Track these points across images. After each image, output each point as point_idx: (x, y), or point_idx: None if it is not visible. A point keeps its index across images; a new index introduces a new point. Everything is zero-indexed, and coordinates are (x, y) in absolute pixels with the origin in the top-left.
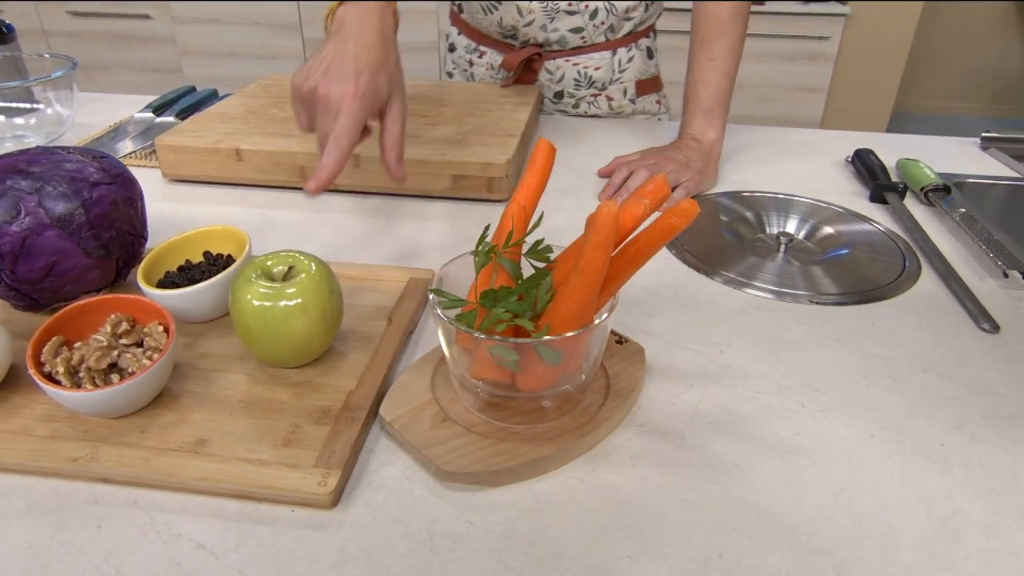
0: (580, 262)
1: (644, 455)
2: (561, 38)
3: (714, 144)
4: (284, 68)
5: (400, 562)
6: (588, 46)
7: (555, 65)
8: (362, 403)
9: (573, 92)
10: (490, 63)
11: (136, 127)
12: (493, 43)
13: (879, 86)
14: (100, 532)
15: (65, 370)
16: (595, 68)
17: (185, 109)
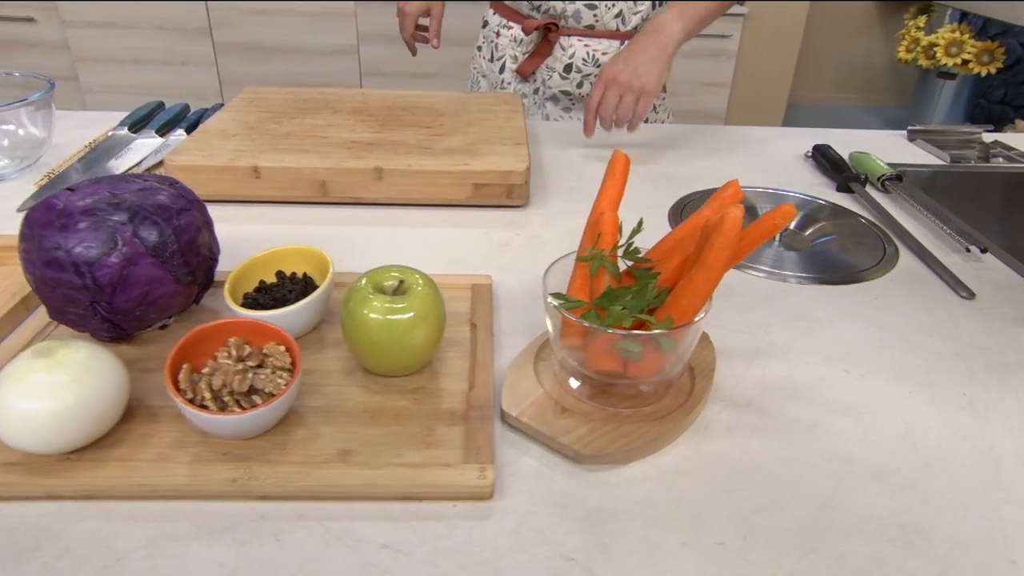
0: (707, 260)
1: (736, 425)
2: (576, 11)
3: (675, 40)
4: (194, 76)
5: (571, 537)
6: (599, 31)
7: (568, 42)
8: (484, 402)
9: (581, 68)
10: (514, 36)
11: (118, 146)
12: (519, 18)
13: (775, 80)
14: (281, 545)
15: (211, 396)
16: (603, 53)
17: (163, 126)
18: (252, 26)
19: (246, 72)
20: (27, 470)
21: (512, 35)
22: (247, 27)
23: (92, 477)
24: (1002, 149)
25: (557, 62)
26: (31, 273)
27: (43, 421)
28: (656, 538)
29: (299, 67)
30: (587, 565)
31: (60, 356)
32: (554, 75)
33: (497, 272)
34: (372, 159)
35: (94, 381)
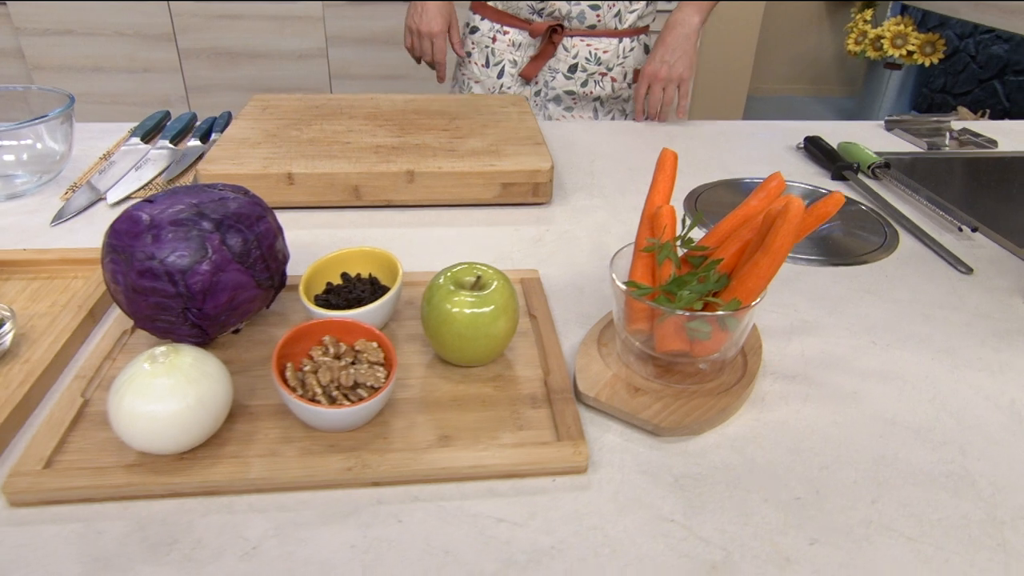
0: (771, 245)
1: (788, 396)
2: (580, 12)
3: (695, 29)
4: (159, 83)
5: (666, 501)
6: (600, 31)
7: (571, 43)
8: (562, 385)
9: (585, 67)
10: (512, 40)
11: (134, 157)
12: (517, 23)
13: (736, 74)
14: (404, 525)
15: (323, 392)
16: (603, 51)
17: (176, 136)
18: (217, 31)
19: (213, 78)
20: (148, 470)
21: (510, 40)
22: (212, 32)
23: (212, 473)
24: (970, 135)
25: (561, 63)
26: (121, 284)
27: (168, 422)
28: (740, 497)
29: (267, 72)
30: (685, 524)
31: (174, 361)
32: (558, 76)
33: (537, 266)
34: (402, 162)
35: (208, 383)
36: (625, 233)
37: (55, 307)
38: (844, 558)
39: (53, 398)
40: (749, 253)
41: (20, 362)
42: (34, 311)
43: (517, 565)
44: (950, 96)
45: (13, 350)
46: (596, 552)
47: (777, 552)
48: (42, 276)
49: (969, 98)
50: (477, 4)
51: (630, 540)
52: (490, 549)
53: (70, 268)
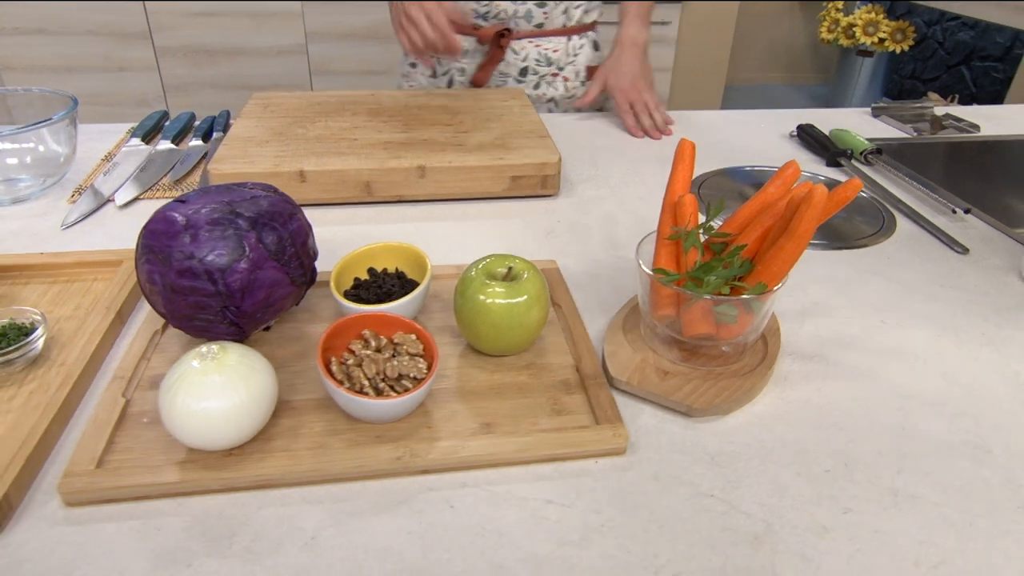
0: (796, 230)
1: (808, 375)
2: (527, 11)
3: (646, 44)
4: (135, 82)
5: (704, 478)
6: (548, 30)
7: (520, 46)
8: (594, 371)
9: (536, 69)
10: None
11: (136, 158)
12: (462, 29)
13: (713, 63)
14: (456, 511)
15: (369, 384)
16: (553, 50)
17: (178, 135)
18: (194, 28)
19: (191, 76)
20: (200, 466)
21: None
22: (189, 30)
23: (264, 467)
24: (953, 120)
25: (511, 67)
26: (159, 284)
27: (222, 418)
28: (774, 471)
29: (247, 69)
30: (725, 499)
31: (223, 358)
32: (509, 80)
33: (552, 257)
34: (412, 158)
35: (257, 378)
36: (633, 223)
37: (80, 310)
38: (876, 524)
39: (91, 399)
40: (772, 238)
41: (56, 365)
42: (59, 314)
43: (570, 544)
44: (919, 82)
45: (45, 353)
46: (644, 528)
47: (814, 521)
48: (61, 279)
49: (938, 83)
50: None
51: (675, 516)
52: (542, 529)
53: (89, 271)
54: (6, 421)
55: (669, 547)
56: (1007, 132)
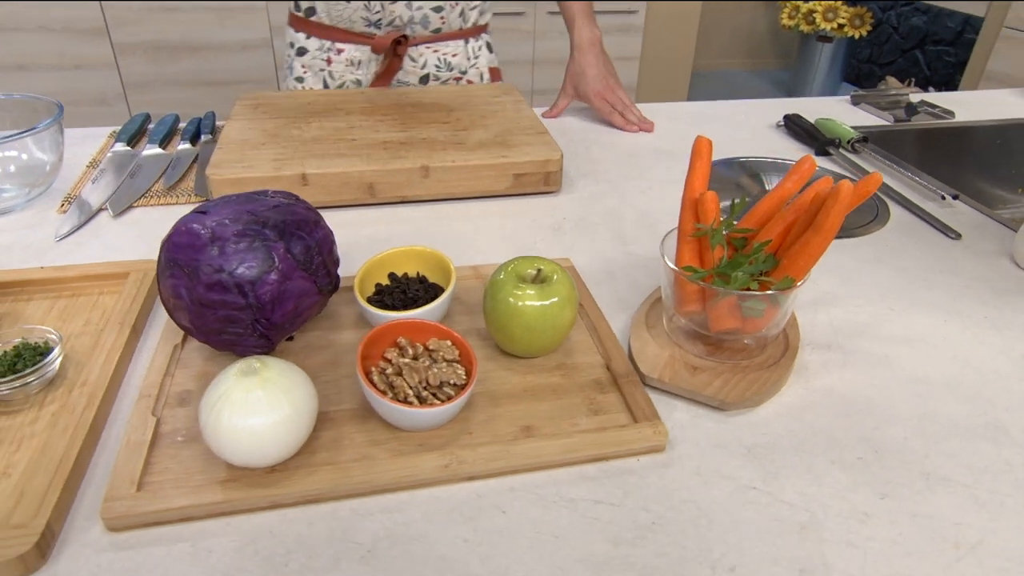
0: (823, 225)
1: (827, 364)
2: (424, 16)
3: (601, 40)
4: (93, 80)
5: (744, 471)
6: (445, 33)
7: (417, 52)
8: (625, 369)
9: (437, 75)
10: (350, 59)
11: (124, 164)
12: (353, 37)
13: (680, 51)
14: (508, 516)
15: (415, 394)
16: (452, 55)
17: (164, 138)
18: (154, 24)
19: (152, 73)
20: (245, 484)
21: (347, 58)
22: (149, 25)
23: (312, 482)
24: (927, 106)
25: (409, 75)
26: (186, 298)
27: (268, 434)
28: (809, 461)
29: (210, 64)
30: (767, 490)
31: (265, 374)
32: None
33: (564, 254)
34: (415, 158)
35: (299, 392)
36: (638, 217)
37: (90, 325)
38: (913, 508)
39: (117, 419)
40: (795, 233)
41: (77, 385)
42: (69, 331)
43: (625, 542)
44: (876, 66)
45: (61, 372)
46: (694, 523)
47: (854, 508)
48: (65, 294)
49: (893, 67)
50: (297, 20)
51: (722, 510)
52: (595, 530)
53: (94, 284)
54: (32, 445)
55: (721, 541)
56: (980, 117)
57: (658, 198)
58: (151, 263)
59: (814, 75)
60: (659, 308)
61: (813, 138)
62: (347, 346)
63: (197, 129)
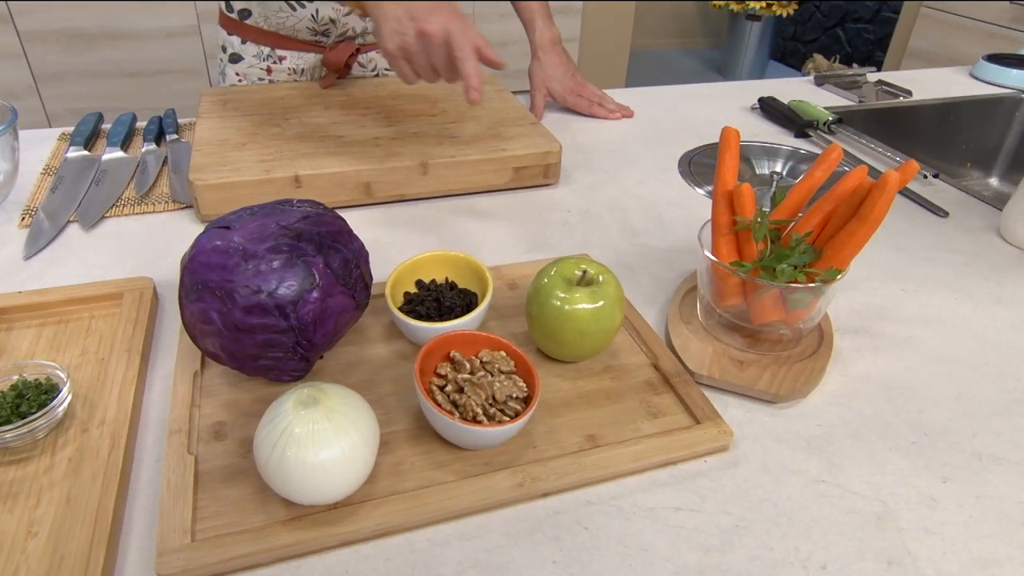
0: (868, 215)
1: (860, 349)
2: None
3: (559, 37)
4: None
5: (810, 465)
6: None
7: (367, 58)
8: (675, 368)
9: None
10: (293, 67)
11: (86, 170)
12: (297, 45)
13: (619, 31)
14: (591, 532)
15: (483, 412)
16: None
17: (125, 139)
18: (64, 10)
19: (67, 63)
20: (311, 523)
21: (289, 67)
22: (59, 12)
23: (384, 514)
24: (885, 86)
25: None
26: (218, 323)
27: (338, 468)
28: (868, 449)
29: (132, 54)
30: (836, 483)
31: (327, 402)
32: None
33: (578, 249)
34: (411, 155)
35: (363, 419)
36: (642, 208)
37: (88, 355)
38: (976, 489)
39: (143, 459)
40: (836, 223)
41: (93, 424)
42: (65, 362)
43: (714, 549)
44: (800, 44)
45: (70, 411)
46: (776, 523)
47: (921, 494)
48: (51, 321)
49: (817, 44)
50: (230, 22)
51: (798, 507)
52: (682, 538)
53: (83, 308)
54: (55, 498)
55: (805, 539)
56: (935, 95)
57: (656, 187)
58: (145, 281)
59: (744, 53)
60: (690, 302)
61: (790, 120)
62: (381, 361)
63: (159, 128)
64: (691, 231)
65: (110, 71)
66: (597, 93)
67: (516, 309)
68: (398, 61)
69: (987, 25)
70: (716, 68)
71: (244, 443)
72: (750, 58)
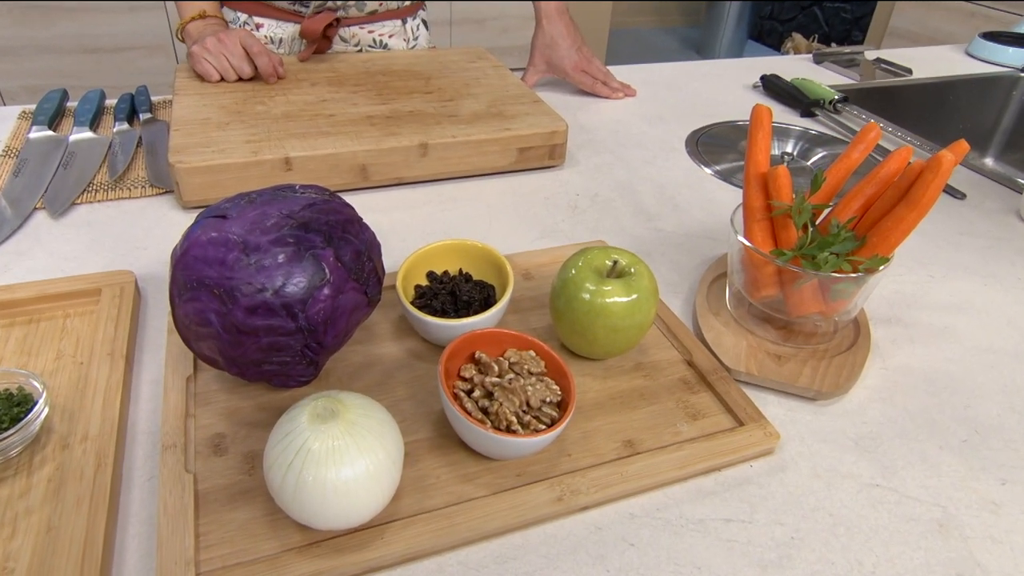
0: (919, 200)
1: (896, 340)
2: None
3: (565, 7)
4: None
5: (861, 467)
6: (381, 14)
7: (350, 33)
8: (712, 365)
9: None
10: (269, 36)
11: (52, 151)
12: (275, 12)
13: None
14: (638, 549)
15: (518, 420)
16: (389, 35)
17: (94, 118)
18: None
19: (21, 37)
20: (331, 549)
21: (266, 35)
22: None
23: (412, 537)
24: (884, 64)
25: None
26: (217, 325)
27: (363, 488)
28: (919, 449)
29: (91, 28)
30: (890, 487)
31: (346, 415)
32: None
33: (592, 235)
34: (410, 134)
35: (387, 432)
36: (653, 190)
37: (64, 359)
38: None
39: (133, 477)
40: (881, 208)
41: (75, 440)
42: (37, 367)
43: (772, 564)
44: (778, 23)
45: (46, 425)
46: (833, 533)
47: (982, 498)
48: (20, 320)
49: (794, 23)
50: None
51: (854, 515)
52: (736, 553)
53: (56, 306)
54: (32, 526)
55: (866, 550)
56: (936, 74)
57: (665, 168)
58: (125, 275)
59: (723, 32)
60: (716, 291)
61: (795, 99)
62: (393, 362)
63: (131, 107)
64: (707, 214)
65: (68, 46)
66: (602, 70)
67: (534, 301)
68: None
69: (969, 4)
70: (694, 47)
71: (248, 458)
72: (728, 37)
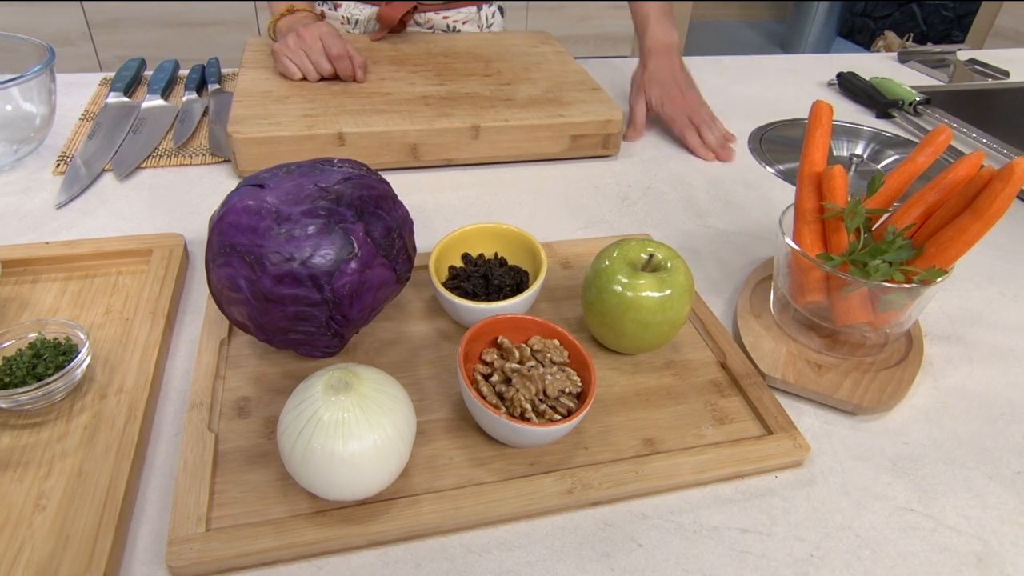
0: (986, 209)
1: (952, 359)
2: None
3: (676, 44)
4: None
5: (896, 489)
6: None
7: (424, 18)
8: (746, 369)
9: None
10: (347, 16)
11: (124, 117)
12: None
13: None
14: (646, 550)
15: (532, 408)
16: (463, 22)
17: (166, 87)
18: None
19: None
20: (337, 519)
21: (344, 15)
22: None
23: (416, 515)
24: (978, 65)
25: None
26: (246, 291)
27: (369, 462)
28: (964, 476)
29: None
30: (927, 513)
31: (360, 388)
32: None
33: (638, 228)
34: (463, 116)
35: (400, 409)
36: (708, 185)
37: (112, 314)
38: None
39: (162, 432)
40: (943, 217)
41: (111, 391)
42: (88, 320)
43: None
44: (871, 20)
45: (89, 374)
46: (857, 556)
47: None
48: (77, 275)
49: (889, 21)
50: None
51: (883, 538)
52: (748, 566)
53: (111, 263)
54: (67, 469)
55: None
56: None
57: (724, 164)
58: (175, 238)
59: (810, 28)
60: (761, 293)
61: (871, 99)
62: (420, 340)
63: (202, 77)
64: (763, 214)
65: (165, 21)
66: (702, 116)
67: (569, 291)
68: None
69: None
70: (779, 43)
71: (269, 422)
72: (815, 33)
